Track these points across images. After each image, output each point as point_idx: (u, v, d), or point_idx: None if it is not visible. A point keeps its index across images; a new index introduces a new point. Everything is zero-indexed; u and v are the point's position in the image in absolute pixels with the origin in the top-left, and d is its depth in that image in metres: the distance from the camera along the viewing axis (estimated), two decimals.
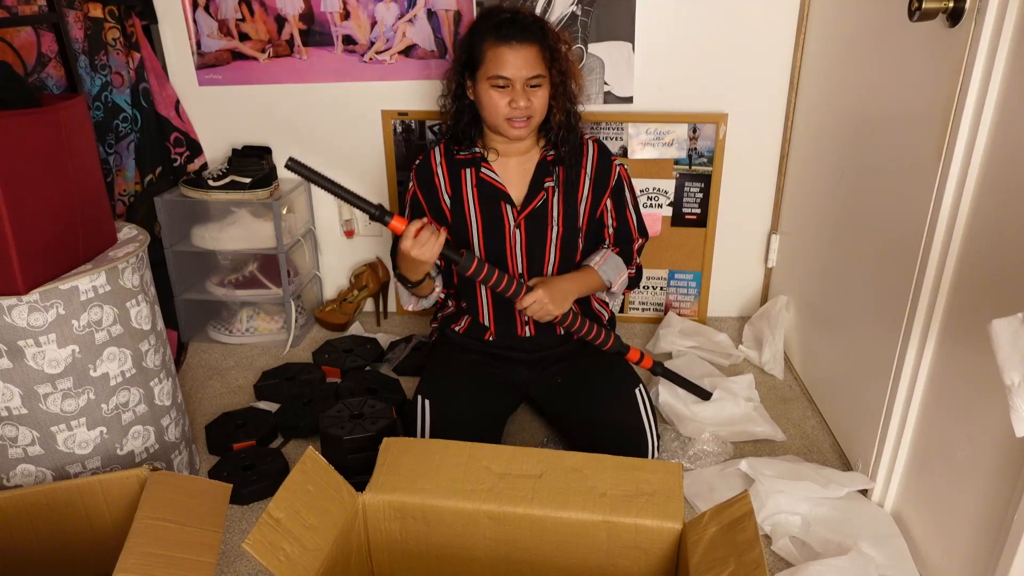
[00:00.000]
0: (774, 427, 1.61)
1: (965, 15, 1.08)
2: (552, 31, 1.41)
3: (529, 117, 1.40)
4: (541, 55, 1.38)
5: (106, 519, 1.11)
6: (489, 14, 1.41)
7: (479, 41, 1.38)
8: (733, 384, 1.70)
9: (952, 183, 1.13)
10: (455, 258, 1.36)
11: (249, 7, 1.94)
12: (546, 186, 1.49)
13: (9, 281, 1.10)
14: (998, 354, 0.81)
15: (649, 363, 1.58)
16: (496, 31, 1.36)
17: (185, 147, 2.05)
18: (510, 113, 1.39)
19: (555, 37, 1.41)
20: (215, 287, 2.05)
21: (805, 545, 1.27)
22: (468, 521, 1.06)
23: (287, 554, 0.91)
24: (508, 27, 1.36)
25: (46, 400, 1.19)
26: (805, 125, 1.84)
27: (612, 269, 1.54)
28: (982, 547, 1.06)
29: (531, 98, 1.39)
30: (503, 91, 1.38)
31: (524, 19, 1.38)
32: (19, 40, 1.54)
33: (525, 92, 1.38)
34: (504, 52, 1.35)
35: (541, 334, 1.56)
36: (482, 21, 1.41)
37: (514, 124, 1.41)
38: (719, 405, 1.64)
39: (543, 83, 1.40)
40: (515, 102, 1.38)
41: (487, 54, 1.37)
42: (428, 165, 1.52)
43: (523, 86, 1.38)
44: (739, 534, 0.92)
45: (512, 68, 1.36)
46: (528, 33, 1.36)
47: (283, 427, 1.64)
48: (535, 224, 1.49)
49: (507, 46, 1.35)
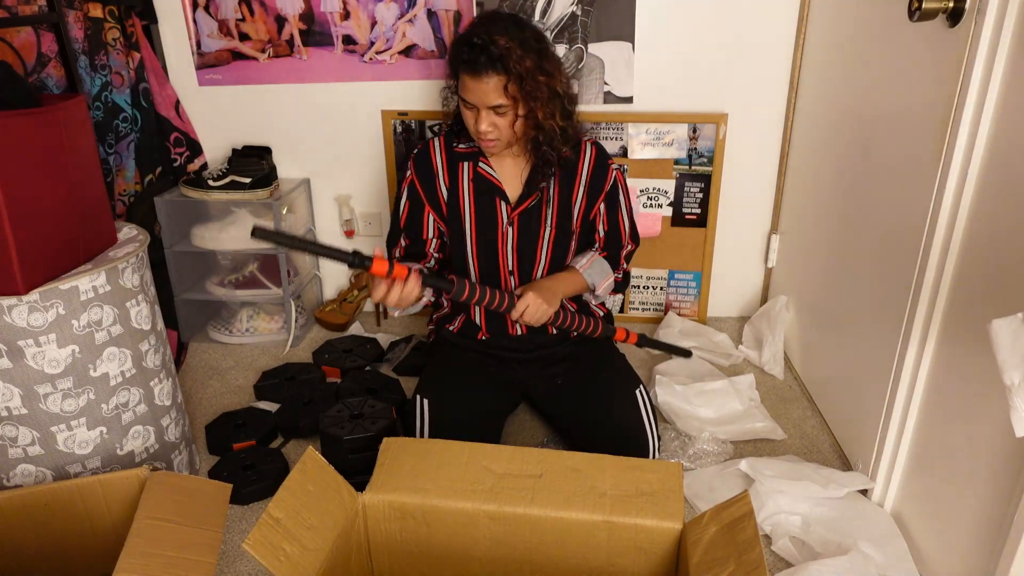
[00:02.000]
0: (774, 424, 1.61)
1: (965, 15, 1.08)
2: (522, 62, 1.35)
3: (496, 138, 1.42)
4: (504, 86, 1.36)
5: (106, 519, 1.11)
6: (463, 39, 1.39)
7: (455, 62, 1.40)
8: (735, 383, 1.71)
9: (952, 183, 1.13)
10: (444, 286, 1.36)
11: (249, 7, 1.94)
12: (540, 187, 1.50)
13: (9, 281, 1.10)
14: (998, 354, 0.81)
15: (635, 339, 1.63)
16: (464, 58, 1.36)
17: (185, 147, 2.05)
18: (476, 134, 1.42)
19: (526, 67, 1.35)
20: (215, 287, 2.05)
21: (805, 545, 1.27)
22: (468, 521, 1.06)
23: (287, 554, 0.91)
24: (474, 55, 1.34)
25: (46, 400, 1.19)
26: (805, 125, 1.84)
27: (598, 273, 1.55)
28: (982, 547, 1.06)
29: (495, 122, 1.40)
30: (471, 111, 1.41)
31: (493, 50, 1.33)
32: (19, 40, 1.54)
33: (488, 117, 1.39)
34: (467, 80, 1.37)
35: (533, 332, 1.57)
36: (457, 44, 1.40)
37: (483, 141, 1.43)
38: (720, 403, 1.65)
39: (507, 110, 1.39)
40: (478, 124, 1.40)
41: (459, 76, 1.39)
42: (427, 154, 1.53)
43: (486, 112, 1.39)
44: (739, 534, 0.92)
45: (474, 96, 1.37)
46: (492, 64, 1.33)
47: (283, 427, 1.64)
48: (528, 222, 1.50)
49: (470, 75, 1.36)
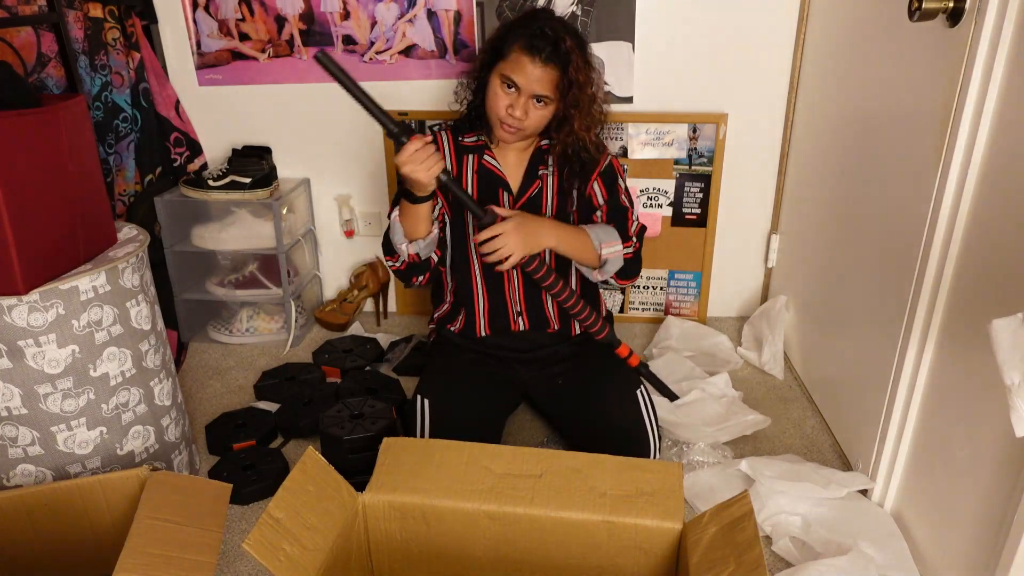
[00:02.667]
0: (757, 416, 1.61)
1: (965, 15, 1.08)
2: (580, 71, 1.37)
3: (520, 127, 1.41)
4: (558, 80, 1.37)
5: (106, 519, 1.11)
6: (534, 18, 1.39)
7: (512, 38, 1.37)
8: (708, 388, 1.69)
9: (952, 183, 1.13)
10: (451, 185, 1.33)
11: (249, 7, 1.94)
12: (540, 174, 1.51)
13: (9, 281, 1.10)
14: (998, 354, 0.81)
15: (636, 362, 1.58)
16: (530, 39, 1.35)
17: (185, 147, 2.05)
18: (505, 116, 1.40)
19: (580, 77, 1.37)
20: (215, 287, 2.05)
21: (805, 545, 1.27)
22: (468, 521, 1.06)
23: (287, 554, 0.91)
24: (541, 41, 1.34)
25: (46, 400, 1.19)
26: (805, 125, 1.84)
27: (603, 232, 1.48)
28: (982, 547, 1.06)
29: (529, 111, 1.39)
30: (508, 92, 1.39)
31: (561, 46, 1.35)
32: (19, 40, 1.54)
33: (526, 104, 1.39)
34: (526, 62, 1.35)
35: (535, 328, 1.56)
36: (524, 21, 1.39)
37: (504, 127, 1.42)
38: (701, 405, 1.63)
39: (548, 103, 1.40)
40: (513, 108, 1.39)
41: (512, 54, 1.37)
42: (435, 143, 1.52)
43: (528, 98, 1.38)
44: (739, 534, 0.92)
45: (525, 79, 1.36)
46: (557, 57, 1.35)
47: (283, 427, 1.64)
48: (529, 211, 1.50)
49: (530, 58, 1.35)
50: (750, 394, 1.76)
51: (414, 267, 1.50)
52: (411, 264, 1.49)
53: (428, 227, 1.43)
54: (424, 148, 1.26)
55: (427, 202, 1.37)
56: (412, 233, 1.43)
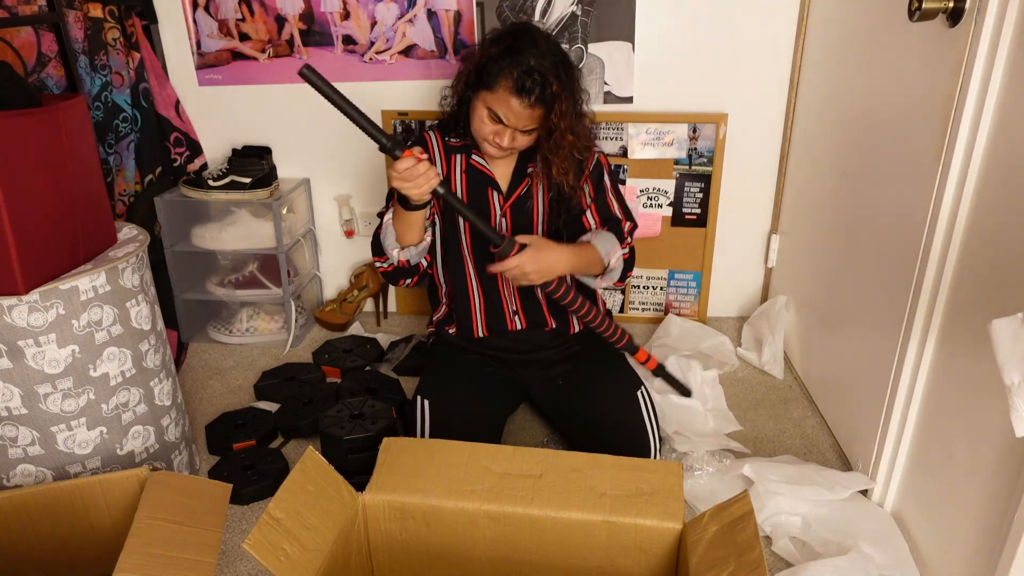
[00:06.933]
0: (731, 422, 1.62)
1: (965, 15, 1.08)
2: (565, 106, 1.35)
3: (507, 151, 1.41)
4: (544, 116, 1.36)
5: (106, 519, 1.11)
6: (521, 51, 1.32)
7: (497, 70, 1.33)
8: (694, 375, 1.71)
9: (952, 183, 1.13)
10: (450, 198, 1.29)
11: (249, 7, 1.94)
12: (529, 171, 1.50)
13: (9, 281, 1.10)
14: (998, 354, 0.81)
15: (654, 365, 1.54)
16: (518, 79, 1.31)
17: (185, 147, 2.05)
18: (491, 140, 1.39)
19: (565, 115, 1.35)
20: (215, 287, 2.05)
21: (805, 545, 1.27)
22: (468, 521, 1.06)
23: (287, 554, 0.91)
24: (528, 82, 1.31)
25: (46, 400, 1.19)
26: (805, 125, 1.84)
27: (606, 241, 1.48)
28: (982, 547, 1.06)
29: (516, 139, 1.38)
30: (494, 123, 1.37)
31: (548, 88, 1.32)
32: (19, 40, 1.54)
33: (513, 134, 1.37)
34: (513, 103, 1.33)
35: (532, 327, 1.56)
36: (510, 55, 1.33)
37: (489, 147, 1.41)
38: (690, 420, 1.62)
39: (534, 131, 1.39)
40: (499, 137, 1.38)
41: (499, 88, 1.33)
42: (424, 144, 1.52)
43: (513, 131, 1.37)
44: (739, 534, 0.92)
45: (512, 117, 1.35)
46: (543, 97, 1.32)
47: (283, 427, 1.64)
48: (521, 211, 1.50)
49: (518, 99, 1.32)
50: (750, 394, 1.77)
51: (402, 271, 1.48)
52: (399, 268, 1.47)
53: (420, 235, 1.41)
54: (415, 167, 1.22)
55: (421, 210, 1.34)
56: (403, 239, 1.41)
